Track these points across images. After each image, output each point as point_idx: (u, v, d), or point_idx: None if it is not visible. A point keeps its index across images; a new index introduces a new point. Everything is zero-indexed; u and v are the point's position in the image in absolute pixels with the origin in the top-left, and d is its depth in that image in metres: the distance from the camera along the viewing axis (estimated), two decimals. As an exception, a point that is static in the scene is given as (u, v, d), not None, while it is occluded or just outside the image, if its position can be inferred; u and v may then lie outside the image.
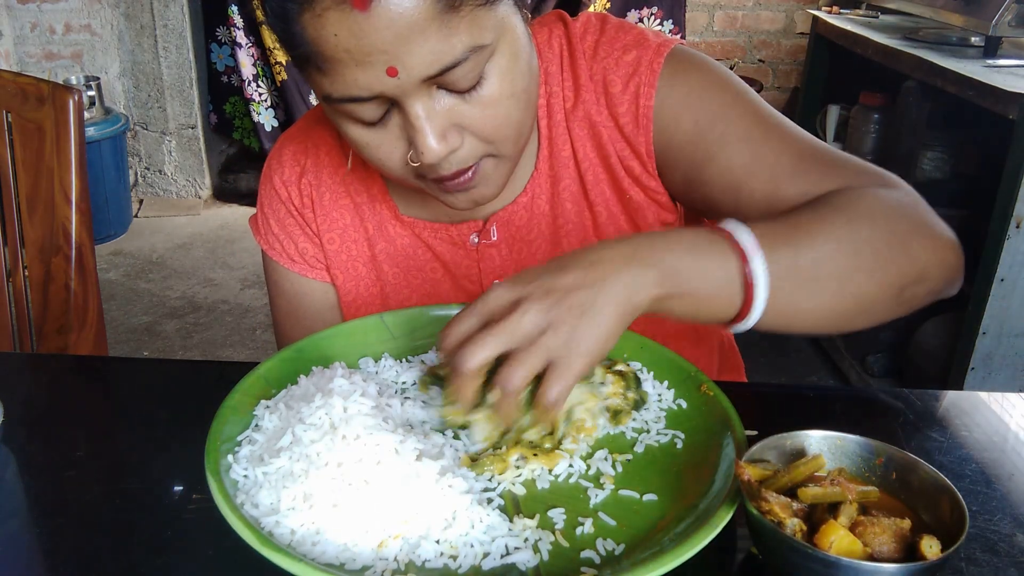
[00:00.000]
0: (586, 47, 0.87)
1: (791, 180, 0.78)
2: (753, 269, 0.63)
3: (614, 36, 0.87)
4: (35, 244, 1.24)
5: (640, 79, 0.84)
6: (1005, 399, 0.83)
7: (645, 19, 3.43)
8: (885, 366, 2.45)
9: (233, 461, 0.65)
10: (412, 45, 0.65)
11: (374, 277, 0.96)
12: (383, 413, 0.67)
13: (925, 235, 0.72)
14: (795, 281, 0.66)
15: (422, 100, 0.69)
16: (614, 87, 0.86)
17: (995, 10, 2.12)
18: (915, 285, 0.71)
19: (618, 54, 0.86)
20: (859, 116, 2.67)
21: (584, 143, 0.88)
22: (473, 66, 0.69)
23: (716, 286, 0.64)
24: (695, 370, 0.77)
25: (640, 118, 0.85)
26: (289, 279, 0.98)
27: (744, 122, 0.82)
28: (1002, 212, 1.85)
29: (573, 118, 0.88)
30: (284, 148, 0.96)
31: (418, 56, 0.66)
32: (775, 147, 0.80)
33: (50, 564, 0.63)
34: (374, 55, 0.65)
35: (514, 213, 0.91)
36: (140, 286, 3.23)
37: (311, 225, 0.95)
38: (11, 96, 1.22)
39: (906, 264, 0.70)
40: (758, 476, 0.60)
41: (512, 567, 0.58)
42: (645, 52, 0.85)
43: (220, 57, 3.78)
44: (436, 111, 0.71)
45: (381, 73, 0.66)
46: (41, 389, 0.90)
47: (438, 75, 0.67)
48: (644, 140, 0.86)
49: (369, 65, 0.66)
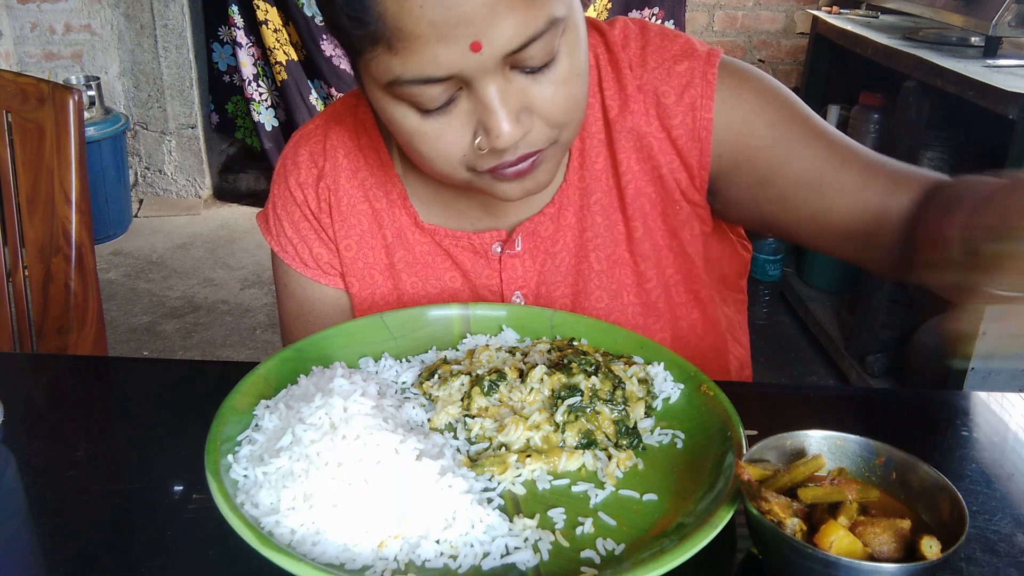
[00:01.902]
0: (631, 56, 0.85)
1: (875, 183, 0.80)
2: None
3: (661, 45, 0.85)
4: (35, 244, 1.24)
5: (696, 91, 0.83)
6: (1005, 399, 0.83)
7: (646, 19, 3.43)
8: (885, 366, 2.45)
9: (233, 461, 0.65)
10: (498, 16, 0.63)
11: (391, 285, 0.93)
12: (383, 413, 0.67)
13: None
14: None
15: (497, 80, 0.67)
16: (667, 98, 0.84)
17: (995, 10, 2.12)
18: None
19: (669, 64, 0.84)
20: (859, 116, 2.67)
21: (628, 155, 0.86)
22: (549, 41, 0.67)
23: None
24: (695, 370, 0.77)
25: (698, 130, 0.84)
26: (301, 284, 0.96)
27: (810, 124, 0.83)
28: (1002, 212, 1.85)
29: (618, 129, 0.86)
30: (300, 148, 0.93)
31: (503, 29, 0.64)
32: (845, 151, 0.82)
33: (50, 564, 0.63)
34: (460, 27, 0.63)
35: (540, 224, 0.89)
36: (140, 286, 3.23)
37: (327, 231, 0.93)
38: (11, 96, 1.22)
39: None
40: (758, 476, 0.60)
41: (512, 567, 0.58)
42: (697, 62, 0.83)
43: (222, 56, 3.78)
44: (510, 92, 0.69)
45: (465, 48, 0.64)
46: (41, 389, 0.90)
47: (519, 50, 0.66)
48: (698, 153, 0.84)
49: (453, 40, 0.63)
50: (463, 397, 0.74)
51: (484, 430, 0.71)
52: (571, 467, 0.68)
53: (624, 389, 0.73)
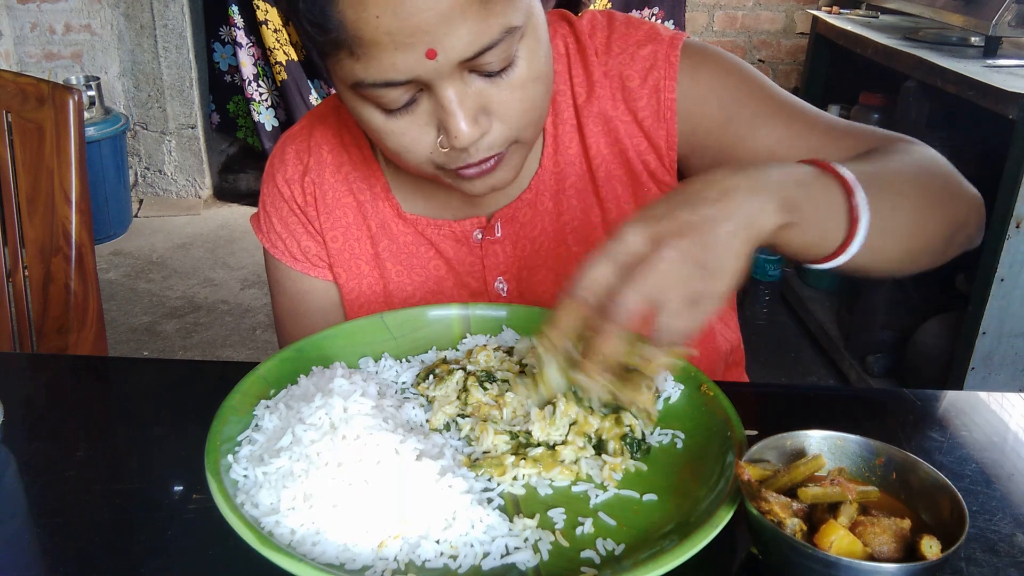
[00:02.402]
0: (597, 44, 0.88)
1: (832, 149, 0.81)
2: (858, 202, 0.64)
3: (625, 32, 0.88)
4: (35, 244, 1.24)
5: (659, 72, 0.85)
6: (1005, 399, 0.83)
7: (646, 19, 3.43)
8: (885, 366, 2.45)
9: (233, 461, 0.65)
10: (453, 26, 0.65)
11: (377, 275, 0.96)
12: (383, 413, 0.67)
13: (962, 187, 0.77)
14: (883, 218, 0.66)
15: (455, 84, 0.70)
16: (631, 82, 0.86)
17: (995, 10, 2.12)
18: (959, 231, 0.75)
19: (633, 49, 0.87)
20: (859, 116, 2.66)
21: (598, 139, 0.89)
22: (505, 48, 0.69)
23: (826, 216, 0.64)
24: (695, 370, 0.77)
25: (663, 111, 0.86)
26: (292, 278, 0.98)
27: (769, 101, 0.84)
28: (1002, 212, 1.85)
29: (586, 114, 0.88)
30: (286, 147, 0.96)
31: (458, 37, 0.66)
32: (805, 121, 0.84)
33: (50, 564, 0.63)
34: (415, 36, 0.65)
35: (518, 209, 0.91)
36: (140, 286, 3.23)
37: (314, 223, 0.96)
38: (11, 96, 1.22)
39: (954, 210, 0.75)
40: (758, 476, 0.60)
41: (512, 567, 0.58)
42: (660, 46, 0.86)
43: (223, 56, 3.78)
44: (468, 95, 0.71)
45: (420, 55, 0.66)
46: (41, 389, 0.90)
47: (474, 57, 0.68)
48: (665, 134, 0.87)
49: (409, 47, 0.66)
50: (458, 394, 0.74)
51: (474, 432, 0.71)
52: (564, 482, 0.68)
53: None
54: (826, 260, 0.67)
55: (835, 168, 0.65)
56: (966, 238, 0.77)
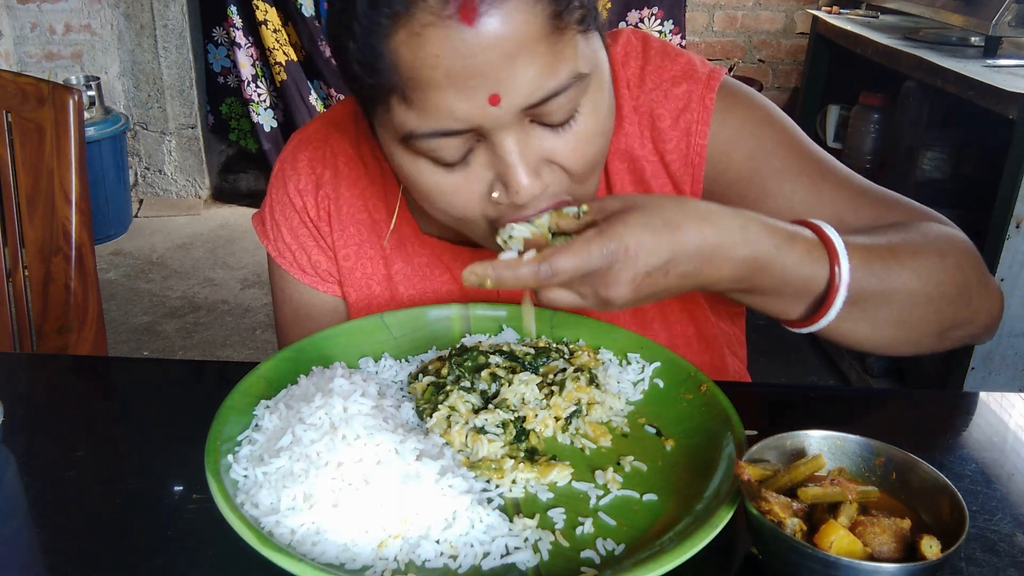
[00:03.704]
0: (630, 75, 0.84)
1: (854, 215, 0.78)
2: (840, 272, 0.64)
3: (660, 64, 0.83)
4: (35, 244, 1.24)
5: (692, 116, 0.81)
6: (1005, 399, 0.83)
7: (646, 19, 3.43)
8: (885, 366, 2.45)
9: (233, 461, 0.65)
10: (518, 68, 0.61)
11: (388, 296, 0.93)
12: (383, 413, 0.67)
13: (983, 284, 0.74)
14: (873, 300, 0.65)
15: (515, 133, 0.65)
16: (662, 122, 0.82)
17: (995, 10, 2.12)
18: (960, 328, 0.72)
19: (667, 86, 0.82)
20: (859, 116, 2.67)
21: (622, 176, 0.85)
22: (572, 97, 0.65)
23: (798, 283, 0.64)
24: (695, 370, 0.77)
25: (691, 156, 0.82)
26: (298, 289, 0.95)
27: (798, 158, 0.81)
28: (1002, 212, 1.85)
29: (612, 149, 0.84)
30: (299, 153, 0.92)
31: (523, 81, 0.62)
32: (833, 182, 0.80)
33: (50, 564, 0.63)
34: (477, 78, 0.61)
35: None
36: (140, 286, 3.23)
37: (326, 239, 0.92)
38: (11, 96, 1.22)
39: (963, 308, 0.71)
40: (758, 476, 0.60)
41: (512, 567, 0.58)
42: (696, 86, 0.82)
43: (216, 58, 3.78)
44: (530, 145, 0.67)
45: (483, 101, 0.62)
46: (41, 389, 0.90)
47: (540, 103, 0.64)
48: (691, 179, 0.83)
49: (471, 91, 0.61)
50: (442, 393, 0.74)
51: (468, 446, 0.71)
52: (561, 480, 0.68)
53: None
54: (798, 325, 0.67)
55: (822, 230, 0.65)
56: (968, 336, 0.74)
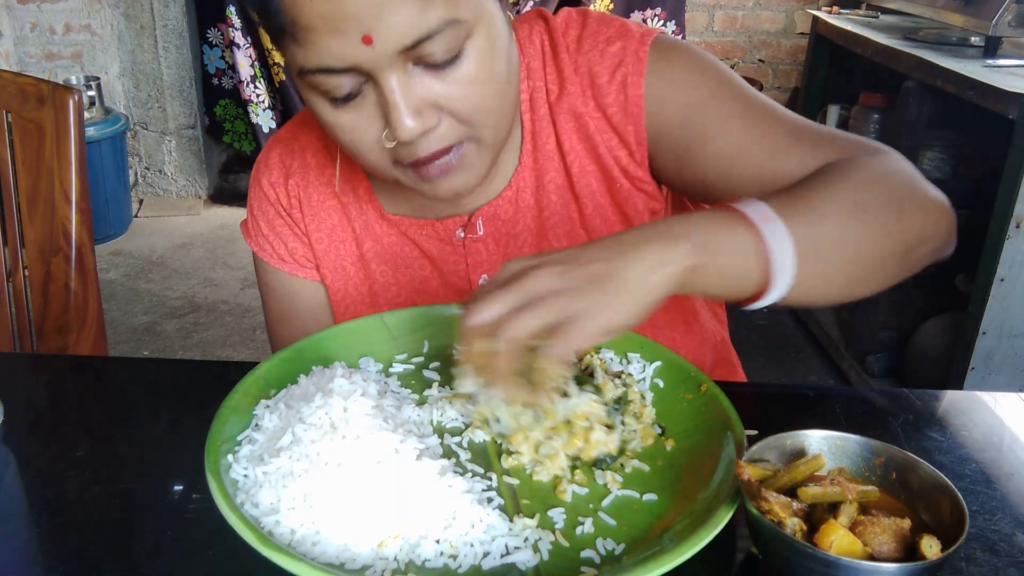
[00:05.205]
0: (569, 41, 0.88)
1: (785, 155, 0.80)
2: (767, 240, 0.64)
3: (596, 28, 0.88)
4: (35, 244, 1.24)
5: (627, 68, 0.85)
6: (1005, 399, 0.83)
7: (649, 20, 3.42)
8: (885, 366, 2.45)
9: (233, 461, 0.65)
10: (386, 13, 0.65)
11: (363, 276, 0.97)
12: (383, 413, 0.67)
13: (920, 198, 0.74)
14: (810, 250, 0.66)
15: (397, 74, 0.69)
16: (600, 78, 0.86)
17: (995, 10, 2.12)
18: (919, 246, 0.73)
19: (602, 46, 0.87)
20: (859, 116, 2.66)
21: (570, 135, 0.89)
22: (449, 40, 0.69)
23: (735, 257, 0.64)
24: (695, 370, 0.77)
25: (630, 107, 0.86)
26: (280, 279, 0.99)
27: (733, 102, 0.83)
28: (1002, 212, 1.85)
29: (558, 110, 0.88)
30: (271, 151, 0.97)
31: (394, 23, 0.66)
32: (766, 124, 0.82)
33: (50, 564, 0.63)
34: (348, 22, 0.65)
35: (499, 207, 0.91)
36: (140, 286, 3.23)
37: (299, 225, 0.96)
38: (11, 96, 1.22)
39: (907, 225, 0.72)
40: (758, 476, 0.60)
41: (512, 567, 0.58)
42: (629, 42, 0.86)
43: (211, 59, 3.78)
44: (411, 87, 0.71)
45: (356, 42, 0.67)
46: (41, 389, 0.90)
47: (413, 46, 0.68)
48: (633, 129, 0.86)
49: (343, 33, 0.66)
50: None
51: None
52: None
53: None
54: (751, 301, 0.67)
55: (742, 211, 0.65)
56: (931, 251, 0.75)
